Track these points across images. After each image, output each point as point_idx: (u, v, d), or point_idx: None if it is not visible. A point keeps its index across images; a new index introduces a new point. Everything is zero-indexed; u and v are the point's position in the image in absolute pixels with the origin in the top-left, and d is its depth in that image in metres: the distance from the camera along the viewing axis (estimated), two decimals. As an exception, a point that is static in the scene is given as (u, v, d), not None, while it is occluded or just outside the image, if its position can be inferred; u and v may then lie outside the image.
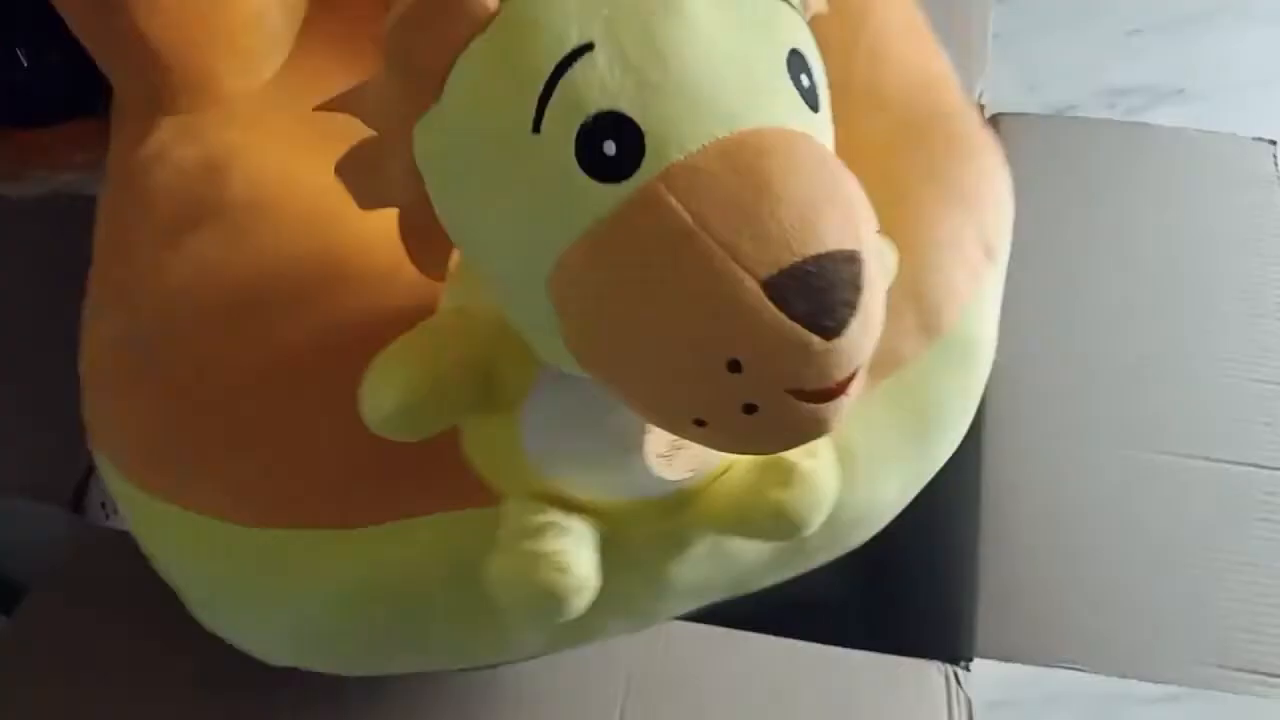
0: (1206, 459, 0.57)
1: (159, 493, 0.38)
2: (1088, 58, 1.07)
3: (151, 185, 0.41)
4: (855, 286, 0.25)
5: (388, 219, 0.32)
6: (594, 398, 0.30)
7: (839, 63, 0.32)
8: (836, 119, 0.30)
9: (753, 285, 0.24)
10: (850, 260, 0.25)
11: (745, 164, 0.25)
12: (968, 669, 0.53)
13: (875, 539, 0.71)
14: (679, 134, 0.25)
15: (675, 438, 0.32)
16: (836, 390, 0.26)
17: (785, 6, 0.28)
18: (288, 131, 0.41)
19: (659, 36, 0.26)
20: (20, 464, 0.58)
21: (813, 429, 0.27)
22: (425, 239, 0.32)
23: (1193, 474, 0.57)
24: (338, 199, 0.31)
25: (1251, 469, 0.56)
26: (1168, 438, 0.57)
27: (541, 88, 0.26)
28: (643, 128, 0.25)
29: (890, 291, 0.28)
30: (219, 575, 0.38)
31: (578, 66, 0.25)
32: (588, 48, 0.26)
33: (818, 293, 0.25)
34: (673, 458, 0.33)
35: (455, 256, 0.34)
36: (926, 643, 0.60)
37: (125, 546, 0.44)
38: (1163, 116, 0.68)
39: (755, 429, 0.26)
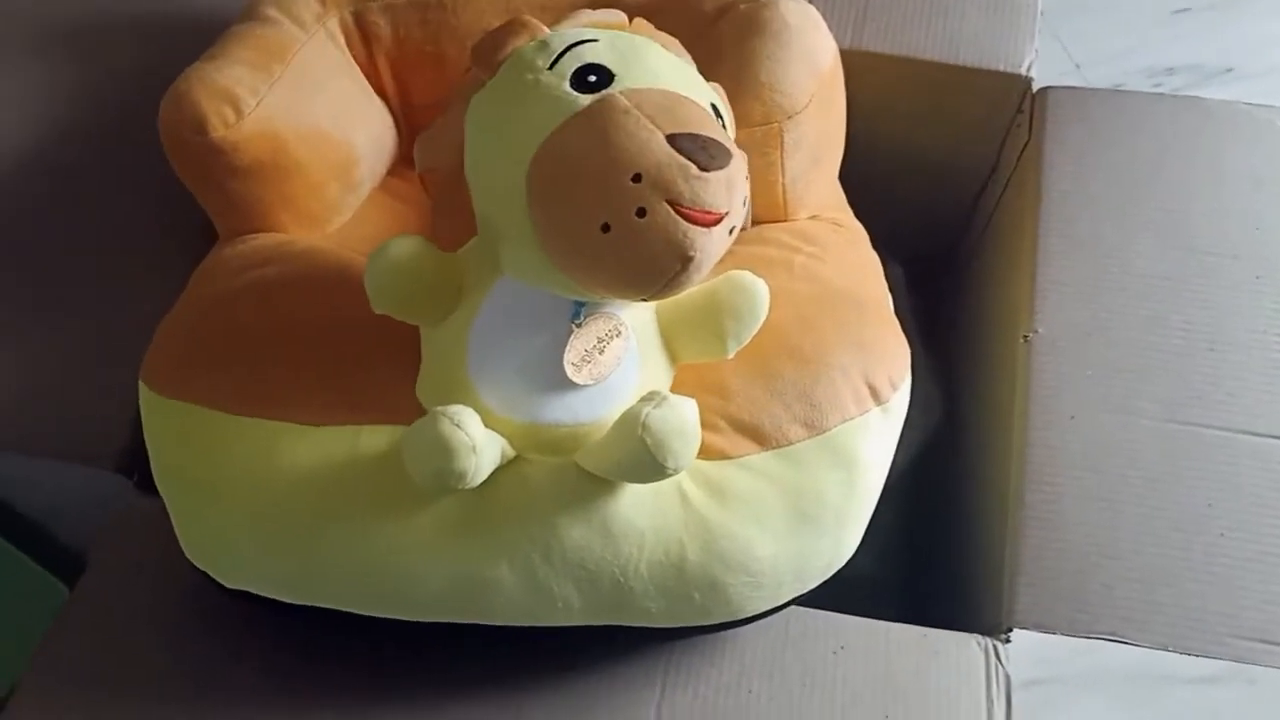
0: (1251, 433, 0.56)
1: (171, 392, 0.49)
2: (1134, 36, 1.06)
3: (228, 254, 0.55)
4: (726, 154, 0.40)
5: None
6: (531, 311, 0.45)
7: (784, 257, 0.55)
8: (776, 290, 0.47)
9: (659, 134, 0.39)
10: (724, 148, 0.40)
11: (672, 95, 0.42)
12: (1008, 640, 0.53)
13: (913, 513, 0.72)
14: (635, 78, 0.42)
15: (586, 350, 0.44)
16: (704, 218, 0.39)
17: (712, 93, 0.46)
18: (332, 251, 0.55)
19: (637, 44, 0.45)
20: (73, 429, 0.59)
21: (684, 244, 0.39)
22: (451, 205, 0.46)
23: (1237, 448, 0.56)
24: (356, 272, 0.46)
25: (1298, 444, 0.56)
26: (1212, 412, 0.57)
27: (561, 49, 0.43)
28: (615, 72, 0.42)
29: (786, 392, 0.48)
30: (210, 459, 0.47)
31: (585, 46, 0.43)
32: (594, 40, 0.44)
33: (699, 146, 0.39)
34: (581, 368, 0.44)
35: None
36: (966, 615, 0.61)
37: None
38: (1211, 95, 0.67)
39: (643, 232, 0.39)
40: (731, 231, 0.41)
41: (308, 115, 0.55)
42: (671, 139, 0.39)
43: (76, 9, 0.69)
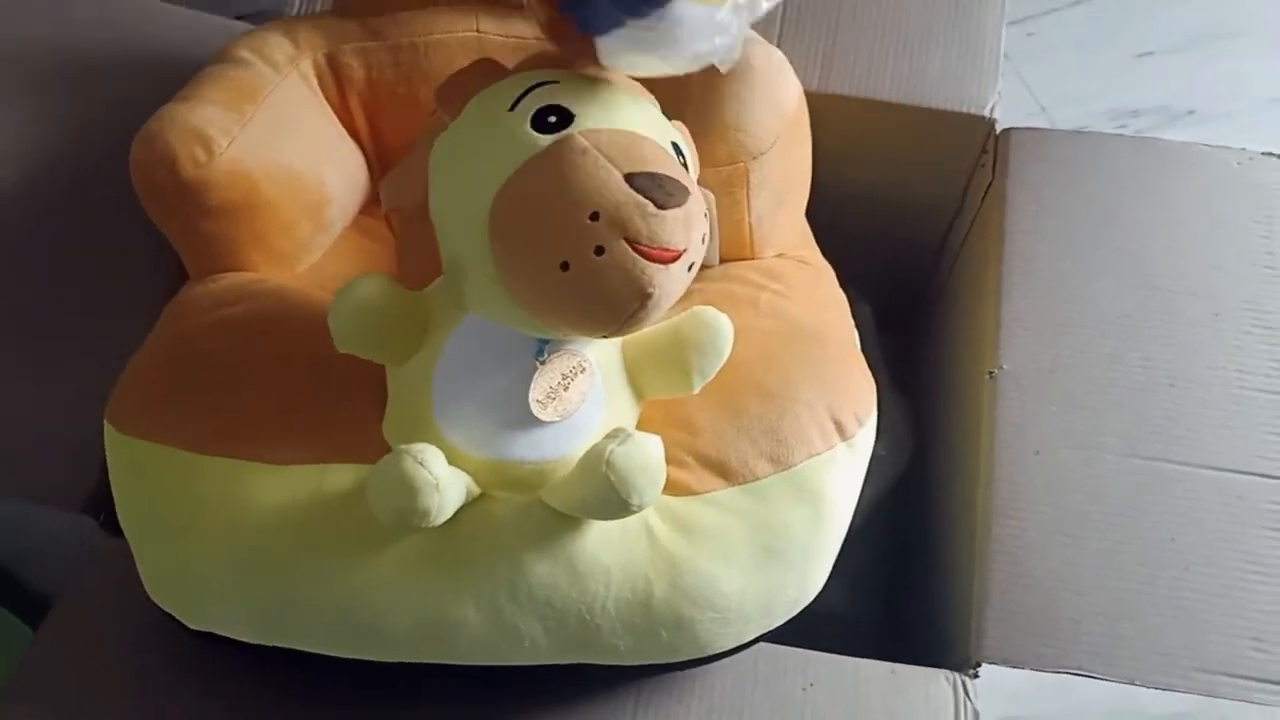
0: (1214, 468, 0.57)
1: (136, 431, 0.49)
2: (1098, 79, 1.08)
3: (198, 293, 0.55)
4: (683, 192, 0.41)
5: None
6: (496, 348, 0.45)
7: (750, 294, 0.55)
8: (742, 327, 0.48)
9: (617, 173, 0.40)
10: (681, 186, 0.41)
11: (630, 135, 0.43)
12: (976, 676, 0.54)
13: (884, 550, 0.72)
14: (594, 118, 0.43)
15: (550, 387, 0.45)
16: (662, 255, 0.40)
17: (675, 132, 0.47)
18: (301, 290, 0.55)
19: (597, 85, 0.45)
20: (41, 472, 0.58)
21: (642, 281, 0.40)
22: (416, 244, 0.46)
23: (1200, 483, 0.57)
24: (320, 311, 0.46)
25: (1259, 479, 0.57)
26: (1176, 447, 0.58)
27: (522, 90, 0.44)
28: (574, 112, 0.43)
29: (752, 428, 0.49)
30: (175, 498, 0.47)
31: (545, 87, 0.44)
32: (554, 81, 0.45)
33: (657, 184, 0.40)
34: (546, 404, 0.45)
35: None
36: (937, 650, 0.61)
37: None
38: (1174, 137, 0.68)
39: (601, 270, 0.39)
40: (690, 268, 0.42)
41: (280, 155, 0.56)
42: (629, 178, 0.40)
43: (57, 44, 0.69)
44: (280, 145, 0.56)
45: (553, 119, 0.43)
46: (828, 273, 0.61)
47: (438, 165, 0.46)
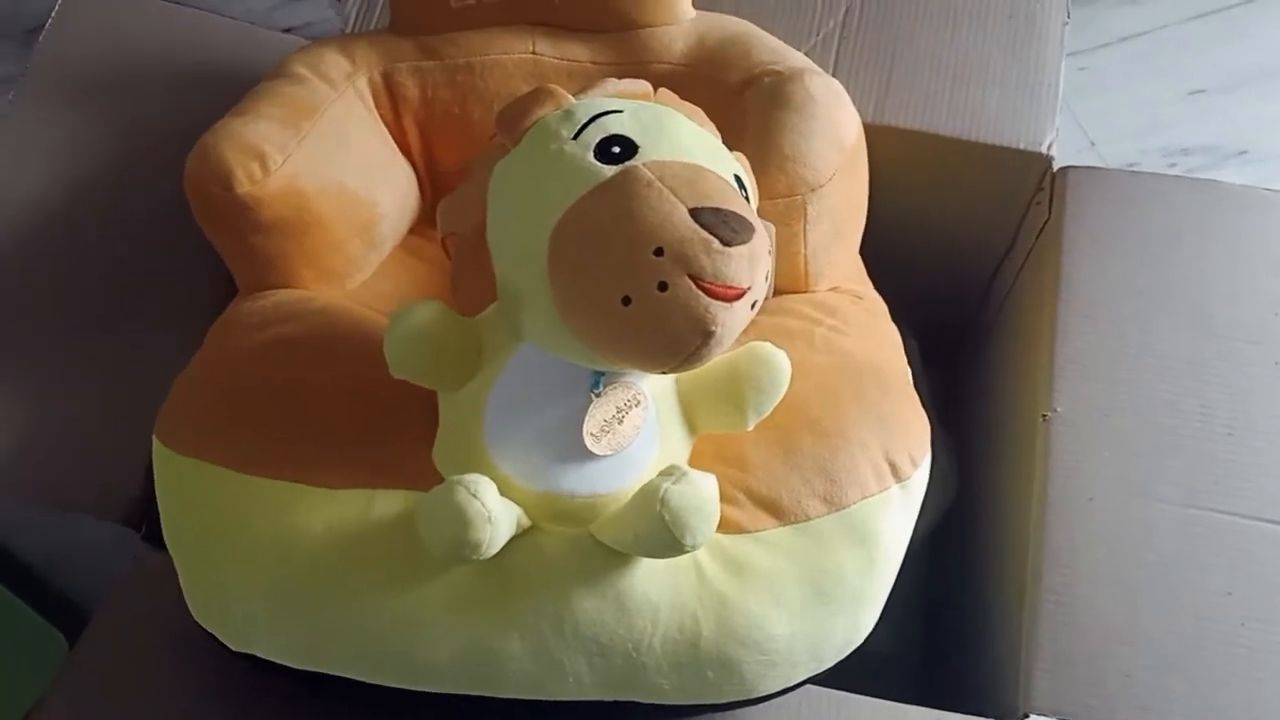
0: (1271, 521, 0.56)
1: (186, 449, 0.49)
2: (1150, 116, 1.07)
3: (247, 309, 0.55)
4: (749, 229, 0.40)
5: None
6: (550, 379, 0.45)
7: (805, 329, 0.55)
8: (797, 362, 0.47)
9: (682, 207, 0.40)
10: (747, 222, 0.40)
11: (695, 168, 0.42)
12: (1022, 726, 0.53)
13: (931, 593, 0.71)
14: (659, 150, 0.42)
15: (605, 420, 0.44)
16: (726, 293, 0.39)
17: (736, 164, 0.46)
18: (352, 309, 0.56)
19: (661, 115, 0.45)
20: (83, 480, 0.58)
21: (705, 319, 0.39)
22: (471, 270, 0.46)
23: (1256, 536, 0.56)
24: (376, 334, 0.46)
25: (1318, 534, 0.56)
26: (1231, 498, 0.57)
27: (586, 119, 0.44)
28: (638, 144, 0.42)
29: (805, 466, 0.48)
30: (222, 518, 0.47)
31: (609, 117, 0.44)
32: (618, 110, 0.44)
33: (722, 220, 0.39)
34: (600, 438, 0.44)
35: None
36: (982, 696, 0.60)
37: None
38: (1225, 177, 0.67)
39: (664, 306, 0.39)
40: (754, 306, 0.41)
41: (333, 172, 0.56)
42: (694, 213, 0.39)
43: (109, 61, 0.69)
44: (334, 163, 0.56)
45: (616, 149, 0.42)
46: (882, 308, 0.60)
47: (497, 191, 0.45)
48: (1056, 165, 0.67)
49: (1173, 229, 0.64)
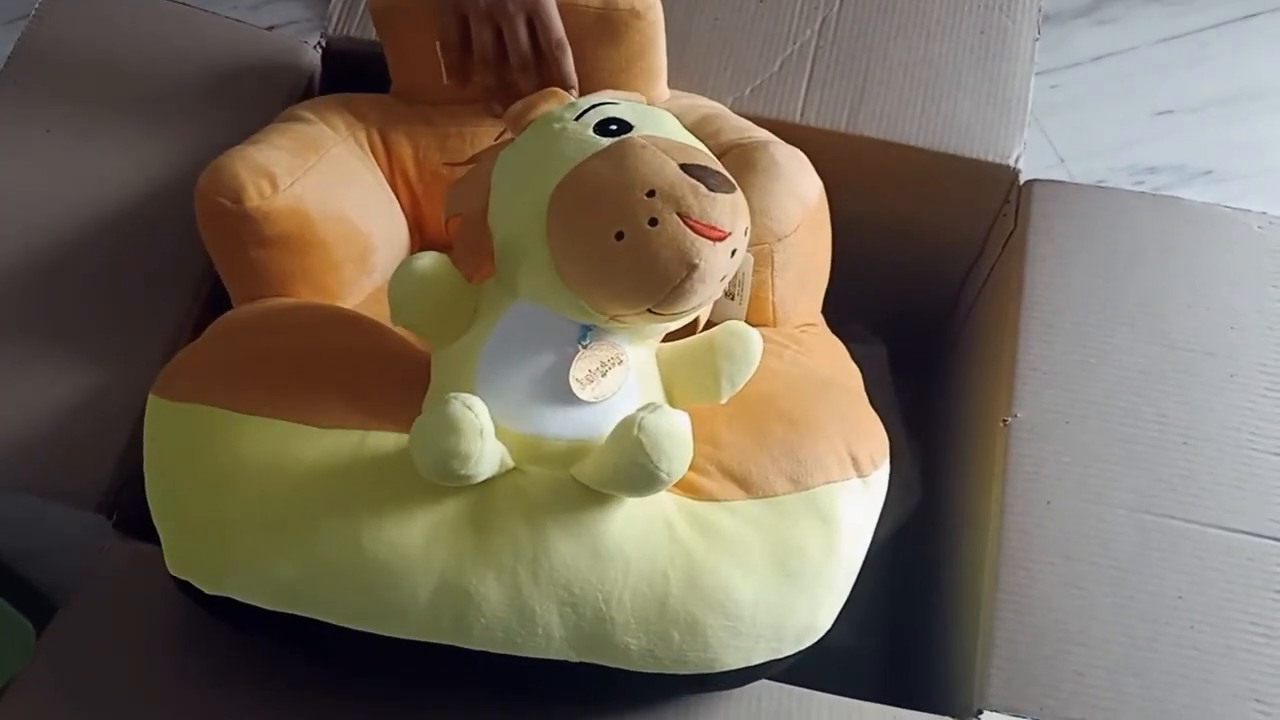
0: (1224, 529, 0.57)
1: (184, 396, 0.51)
2: (1118, 135, 1.08)
3: (249, 308, 0.58)
4: (731, 185, 0.46)
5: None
6: (541, 334, 0.48)
7: (775, 348, 0.58)
8: (768, 370, 0.53)
9: (673, 162, 0.46)
10: (729, 180, 0.46)
11: (684, 142, 0.48)
12: (977, 722, 0.54)
13: (888, 587, 0.72)
14: (651, 129, 0.48)
15: (590, 370, 0.48)
16: (711, 232, 0.44)
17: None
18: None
19: (654, 109, 0.51)
20: (54, 468, 0.58)
21: (690, 252, 0.44)
22: (471, 247, 0.51)
23: (1210, 543, 0.57)
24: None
25: (1268, 541, 0.57)
26: (1185, 505, 0.58)
27: (587, 107, 0.50)
28: (633, 124, 0.48)
29: (774, 448, 0.51)
30: (214, 454, 0.48)
31: (608, 105, 0.50)
32: (614, 103, 0.50)
33: (709, 174, 0.45)
34: (585, 385, 0.48)
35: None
36: (940, 693, 0.61)
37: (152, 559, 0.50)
38: (1191, 196, 0.69)
39: (654, 239, 0.44)
40: (734, 254, 0.46)
41: (335, 201, 0.60)
42: (683, 166, 0.45)
43: (92, 52, 0.70)
44: (337, 193, 0.60)
45: (614, 127, 0.48)
46: (842, 348, 0.64)
47: (502, 168, 0.50)
48: (1024, 179, 0.69)
49: (1135, 243, 0.66)
